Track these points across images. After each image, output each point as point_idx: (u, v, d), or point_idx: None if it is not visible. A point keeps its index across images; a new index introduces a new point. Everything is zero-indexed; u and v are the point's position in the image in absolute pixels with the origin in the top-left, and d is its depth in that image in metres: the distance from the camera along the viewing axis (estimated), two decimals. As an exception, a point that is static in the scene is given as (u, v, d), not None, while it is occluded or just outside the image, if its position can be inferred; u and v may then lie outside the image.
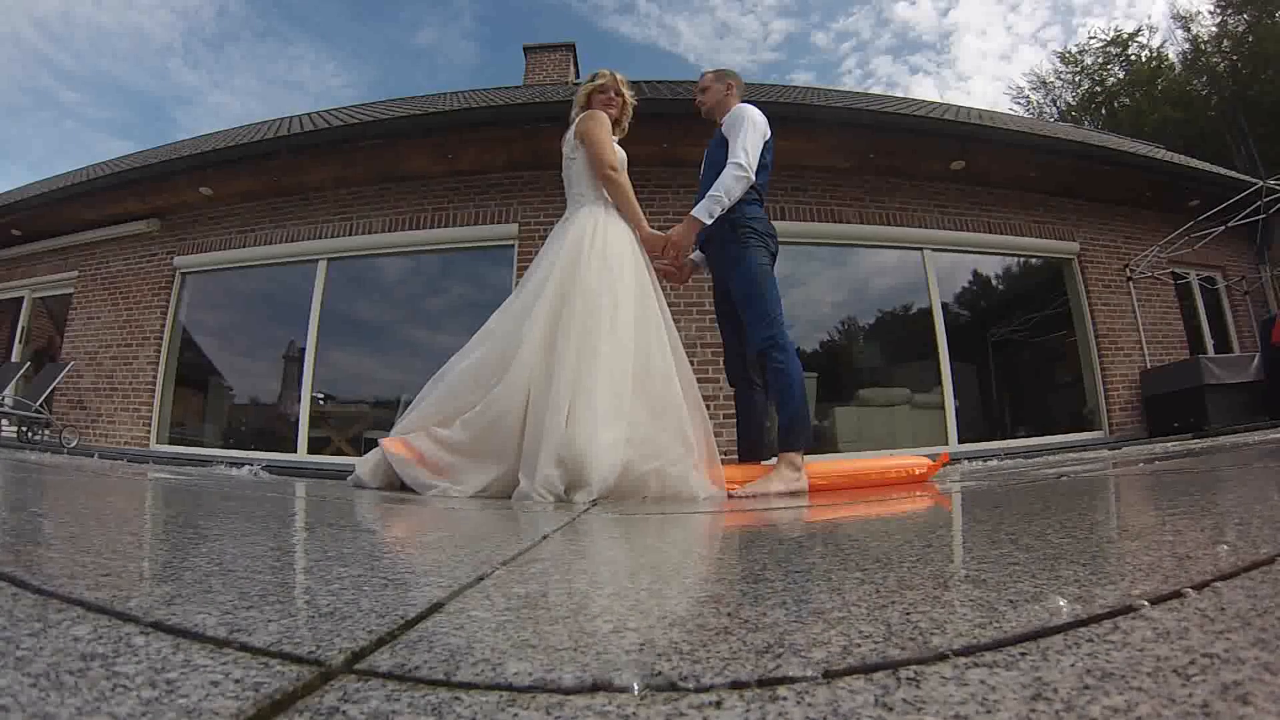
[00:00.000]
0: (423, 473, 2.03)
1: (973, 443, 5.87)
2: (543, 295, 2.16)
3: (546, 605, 0.49)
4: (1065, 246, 6.60)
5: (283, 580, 0.58)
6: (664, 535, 1.13)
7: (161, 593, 0.48)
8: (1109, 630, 0.37)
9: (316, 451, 5.98)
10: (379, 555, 0.77)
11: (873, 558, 0.70)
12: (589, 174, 2.40)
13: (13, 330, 7.60)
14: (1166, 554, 0.53)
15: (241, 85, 74.33)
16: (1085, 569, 0.52)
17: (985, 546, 0.71)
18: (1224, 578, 0.46)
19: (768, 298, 2.38)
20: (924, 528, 1.15)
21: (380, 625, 0.41)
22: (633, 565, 0.74)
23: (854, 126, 5.77)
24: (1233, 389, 5.56)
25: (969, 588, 0.48)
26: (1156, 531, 0.71)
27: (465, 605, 0.48)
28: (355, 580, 0.56)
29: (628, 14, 61.96)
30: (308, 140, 6.02)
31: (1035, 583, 0.47)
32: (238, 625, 0.41)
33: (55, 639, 0.38)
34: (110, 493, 1.63)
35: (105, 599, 0.45)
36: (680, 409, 2.08)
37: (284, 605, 0.46)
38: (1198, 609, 0.40)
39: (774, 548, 0.86)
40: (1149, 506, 1.19)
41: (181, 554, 0.71)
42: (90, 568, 0.57)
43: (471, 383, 2.15)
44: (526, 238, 5.73)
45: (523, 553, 0.75)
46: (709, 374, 4.73)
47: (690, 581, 0.60)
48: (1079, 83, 25.24)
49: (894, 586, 0.52)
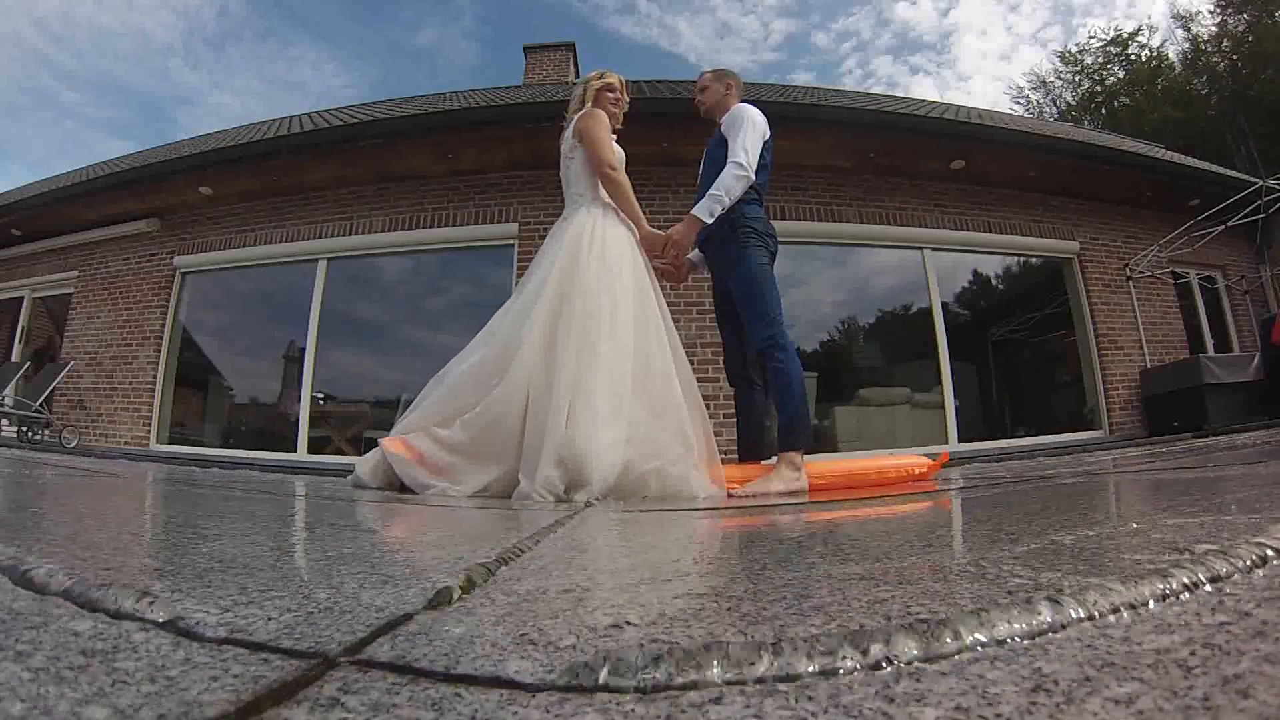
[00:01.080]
0: (422, 473, 2.03)
1: (972, 442, 5.87)
2: (542, 296, 2.16)
3: (546, 599, 0.49)
4: (1065, 246, 6.60)
5: (283, 575, 0.58)
6: (663, 533, 1.13)
7: (162, 586, 0.48)
8: (1110, 624, 0.37)
9: (317, 451, 5.98)
10: (379, 552, 0.77)
11: (873, 556, 0.70)
12: (587, 173, 2.39)
13: (13, 330, 7.60)
14: (1169, 548, 0.53)
15: (242, 85, 74.41)
16: (1086, 564, 0.52)
17: (984, 545, 0.71)
18: (1226, 575, 0.46)
19: (767, 297, 2.38)
20: (924, 526, 1.15)
21: (379, 619, 0.41)
22: (633, 562, 0.74)
23: (854, 126, 5.78)
24: (1233, 388, 5.56)
25: (969, 583, 0.48)
26: (1158, 528, 0.71)
27: (466, 601, 0.48)
28: (355, 576, 0.56)
29: (629, 14, 62.01)
30: (308, 140, 6.02)
31: (1036, 577, 0.47)
32: (237, 623, 0.41)
33: (55, 634, 0.38)
34: (113, 493, 1.63)
35: (106, 597, 0.45)
36: (680, 408, 2.08)
37: (284, 600, 0.46)
38: (1199, 602, 0.40)
39: (774, 546, 0.86)
40: (1150, 504, 1.19)
41: (181, 551, 0.71)
42: (90, 563, 0.57)
43: (472, 383, 2.14)
44: (526, 237, 5.74)
45: (522, 549, 0.75)
46: (709, 373, 4.73)
47: (690, 578, 0.60)
48: (1079, 82, 25.26)
49: (895, 580, 0.52)
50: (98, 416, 6.43)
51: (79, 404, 6.52)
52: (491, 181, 6.02)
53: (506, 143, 5.68)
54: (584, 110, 2.43)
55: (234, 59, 71.70)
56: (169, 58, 69.35)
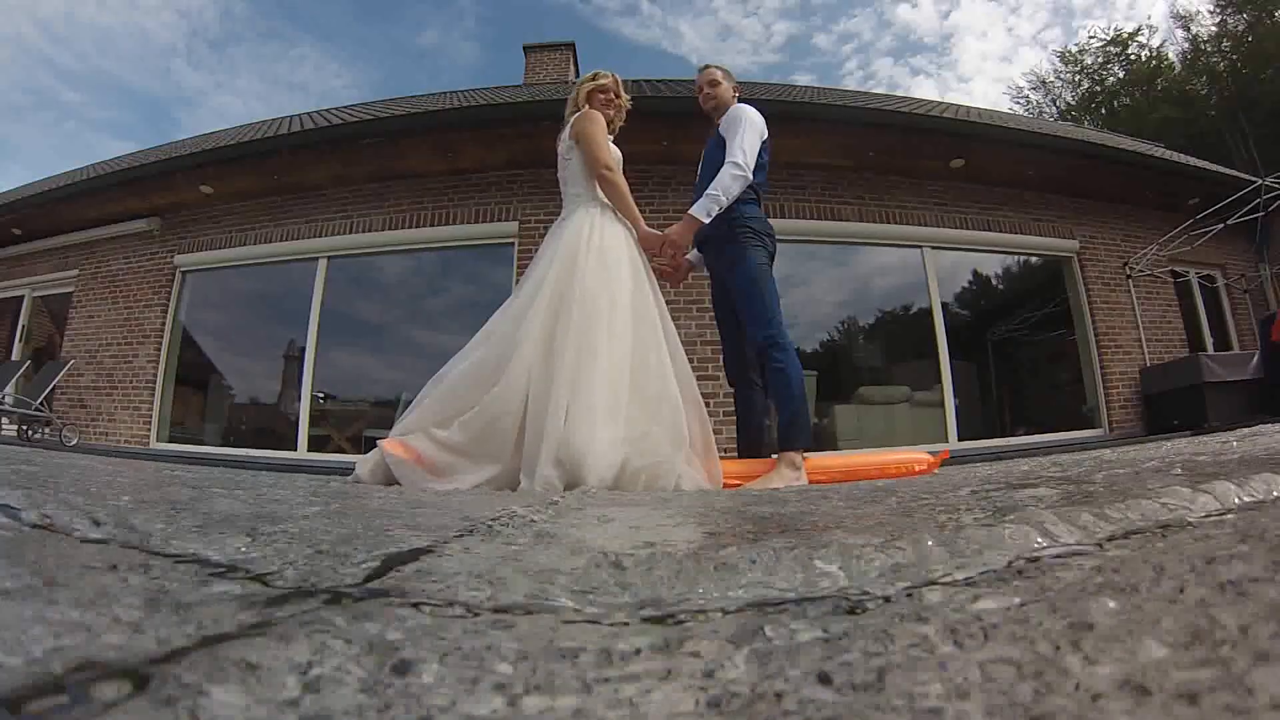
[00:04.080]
0: (420, 473, 2.02)
1: (973, 440, 5.87)
2: (540, 296, 2.15)
3: (543, 545, 0.49)
4: (1065, 245, 6.60)
5: (291, 527, 0.58)
6: (659, 504, 1.13)
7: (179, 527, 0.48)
8: (1114, 549, 0.37)
9: (317, 450, 5.98)
10: (377, 514, 0.77)
11: (879, 508, 0.70)
12: (585, 173, 2.37)
13: (13, 329, 7.60)
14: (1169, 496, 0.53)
15: (245, 86, 74.62)
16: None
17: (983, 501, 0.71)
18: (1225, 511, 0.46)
19: (766, 297, 2.37)
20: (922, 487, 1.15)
21: (379, 557, 0.42)
22: (631, 520, 0.74)
23: (854, 125, 5.78)
24: (1232, 386, 5.55)
25: (972, 529, 0.48)
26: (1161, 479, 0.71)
27: (465, 544, 0.48)
28: (357, 527, 0.56)
29: (631, 16, 62.21)
30: (308, 138, 6.03)
31: (1033, 520, 0.47)
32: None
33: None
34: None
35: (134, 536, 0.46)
36: (677, 408, 2.07)
37: (291, 544, 0.46)
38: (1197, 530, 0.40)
39: (775, 501, 0.87)
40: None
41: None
42: (113, 510, 0.57)
43: (470, 384, 2.13)
44: (526, 236, 5.74)
45: (512, 512, 0.75)
46: (708, 371, 4.73)
47: (686, 528, 0.61)
48: (1079, 82, 25.32)
49: (897, 528, 0.52)
50: (98, 415, 6.43)
51: (79, 402, 6.51)
52: (491, 180, 6.02)
53: (507, 141, 5.69)
54: (579, 112, 2.42)
55: (237, 60, 71.98)
56: (171, 58, 69.63)
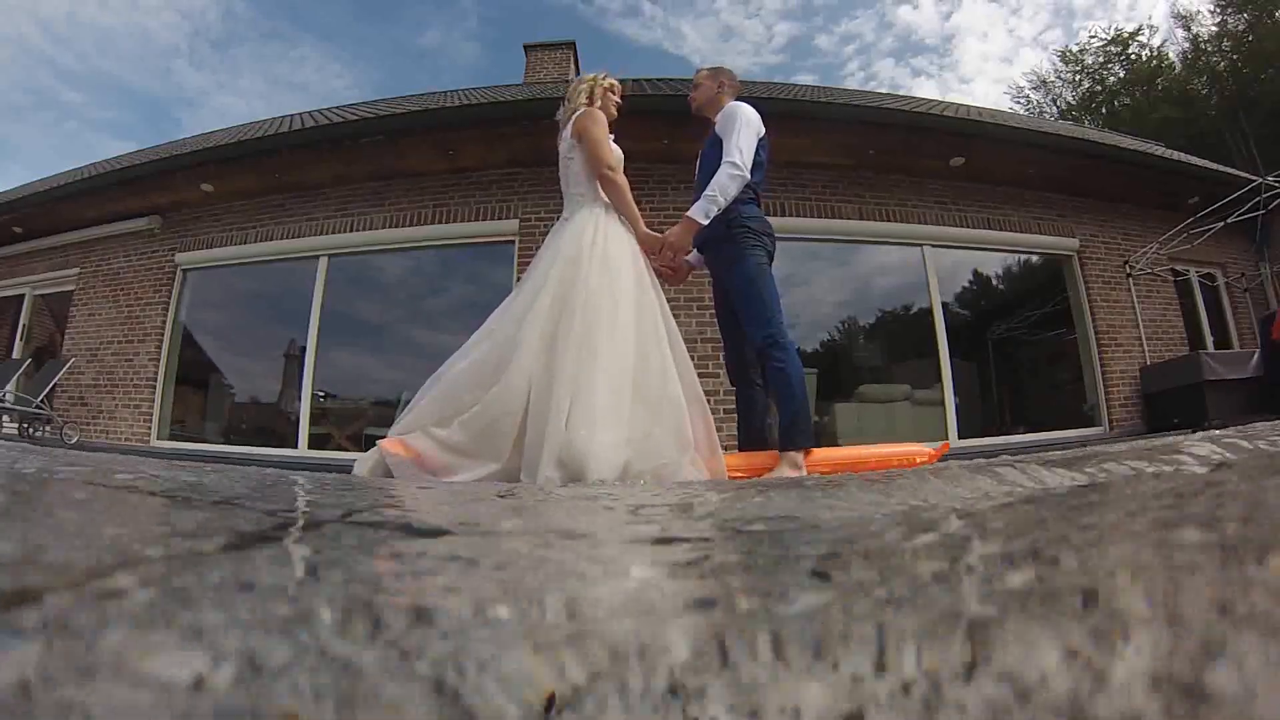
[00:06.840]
0: (419, 472, 2.02)
1: (973, 439, 5.87)
2: (541, 296, 2.14)
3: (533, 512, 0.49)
4: (1065, 243, 6.61)
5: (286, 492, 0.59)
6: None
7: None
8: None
9: (318, 448, 5.98)
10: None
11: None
12: (588, 173, 2.36)
13: (14, 328, 7.61)
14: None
15: (246, 87, 74.59)
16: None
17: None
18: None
19: (766, 297, 2.37)
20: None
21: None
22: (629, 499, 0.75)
23: (854, 124, 5.77)
24: (1232, 385, 5.55)
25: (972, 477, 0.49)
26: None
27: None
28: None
29: (633, 16, 62.15)
30: (308, 137, 6.03)
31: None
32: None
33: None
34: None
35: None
36: (680, 409, 2.06)
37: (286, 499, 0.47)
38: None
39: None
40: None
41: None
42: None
43: (470, 383, 2.11)
44: (527, 234, 5.74)
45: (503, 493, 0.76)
46: (709, 369, 4.73)
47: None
48: (1079, 82, 25.28)
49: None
50: (98, 413, 6.43)
51: (80, 401, 6.52)
52: (492, 179, 6.02)
53: (507, 140, 5.68)
54: (582, 111, 2.39)
55: (238, 60, 71.94)
56: (173, 59, 69.60)
